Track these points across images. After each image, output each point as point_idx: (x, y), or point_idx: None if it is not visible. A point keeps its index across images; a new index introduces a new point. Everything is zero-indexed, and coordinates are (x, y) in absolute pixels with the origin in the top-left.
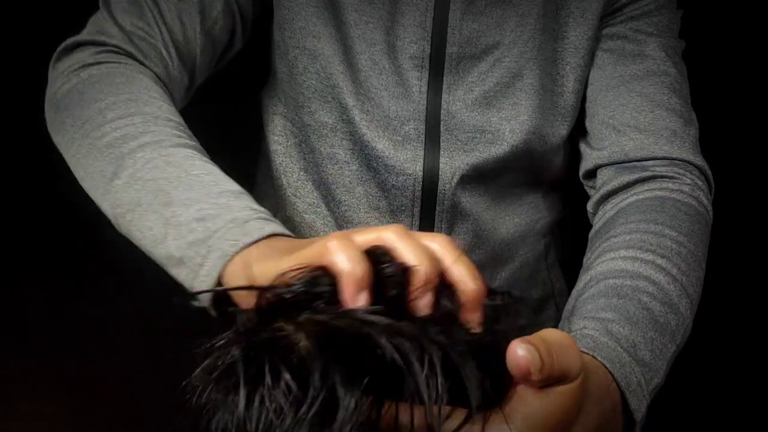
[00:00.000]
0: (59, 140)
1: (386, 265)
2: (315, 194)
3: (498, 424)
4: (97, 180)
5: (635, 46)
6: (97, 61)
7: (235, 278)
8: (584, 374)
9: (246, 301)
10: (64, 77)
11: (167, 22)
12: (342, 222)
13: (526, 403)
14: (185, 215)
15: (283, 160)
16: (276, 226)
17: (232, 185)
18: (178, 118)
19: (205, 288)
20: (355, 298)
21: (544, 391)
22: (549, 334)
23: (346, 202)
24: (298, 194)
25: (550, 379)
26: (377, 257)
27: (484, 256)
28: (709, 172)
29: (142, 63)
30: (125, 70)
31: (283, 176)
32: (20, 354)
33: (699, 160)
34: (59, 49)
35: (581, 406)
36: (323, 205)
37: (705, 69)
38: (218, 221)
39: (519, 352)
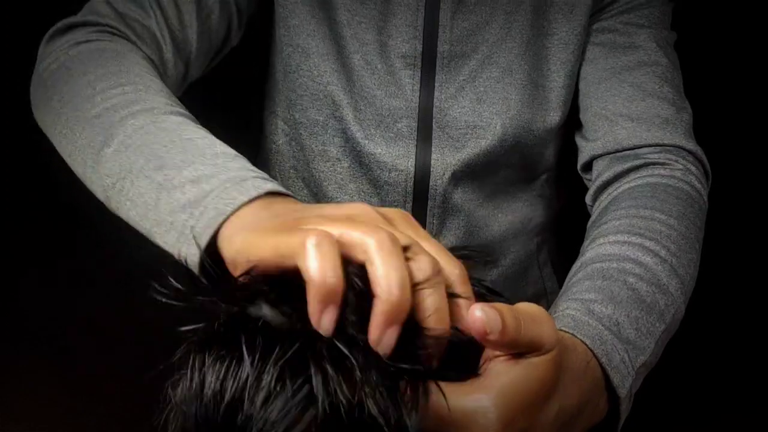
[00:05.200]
0: (44, 118)
1: (356, 279)
2: (305, 192)
3: (472, 393)
4: (86, 152)
5: (626, 38)
6: (88, 39)
7: (230, 241)
8: (561, 349)
9: (237, 269)
10: (53, 56)
11: (162, 6)
12: None
13: (499, 372)
14: (179, 177)
15: (277, 159)
16: (274, 185)
17: (227, 148)
18: (168, 91)
19: (193, 250)
20: (320, 315)
21: (517, 361)
22: (522, 305)
23: (338, 199)
24: (291, 191)
25: (516, 346)
26: (350, 270)
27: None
28: (704, 157)
29: (135, 44)
30: (116, 46)
31: (278, 174)
32: (20, 354)
33: (691, 145)
34: (51, 30)
35: (558, 380)
36: (314, 202)
37: (701, 61)
38: (214, 181)
39: (476, 313)
